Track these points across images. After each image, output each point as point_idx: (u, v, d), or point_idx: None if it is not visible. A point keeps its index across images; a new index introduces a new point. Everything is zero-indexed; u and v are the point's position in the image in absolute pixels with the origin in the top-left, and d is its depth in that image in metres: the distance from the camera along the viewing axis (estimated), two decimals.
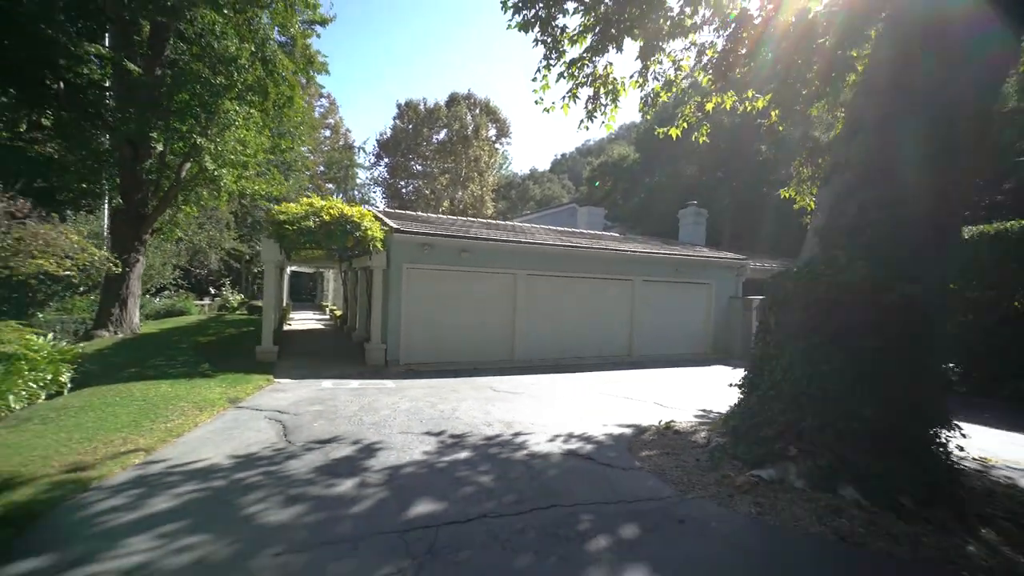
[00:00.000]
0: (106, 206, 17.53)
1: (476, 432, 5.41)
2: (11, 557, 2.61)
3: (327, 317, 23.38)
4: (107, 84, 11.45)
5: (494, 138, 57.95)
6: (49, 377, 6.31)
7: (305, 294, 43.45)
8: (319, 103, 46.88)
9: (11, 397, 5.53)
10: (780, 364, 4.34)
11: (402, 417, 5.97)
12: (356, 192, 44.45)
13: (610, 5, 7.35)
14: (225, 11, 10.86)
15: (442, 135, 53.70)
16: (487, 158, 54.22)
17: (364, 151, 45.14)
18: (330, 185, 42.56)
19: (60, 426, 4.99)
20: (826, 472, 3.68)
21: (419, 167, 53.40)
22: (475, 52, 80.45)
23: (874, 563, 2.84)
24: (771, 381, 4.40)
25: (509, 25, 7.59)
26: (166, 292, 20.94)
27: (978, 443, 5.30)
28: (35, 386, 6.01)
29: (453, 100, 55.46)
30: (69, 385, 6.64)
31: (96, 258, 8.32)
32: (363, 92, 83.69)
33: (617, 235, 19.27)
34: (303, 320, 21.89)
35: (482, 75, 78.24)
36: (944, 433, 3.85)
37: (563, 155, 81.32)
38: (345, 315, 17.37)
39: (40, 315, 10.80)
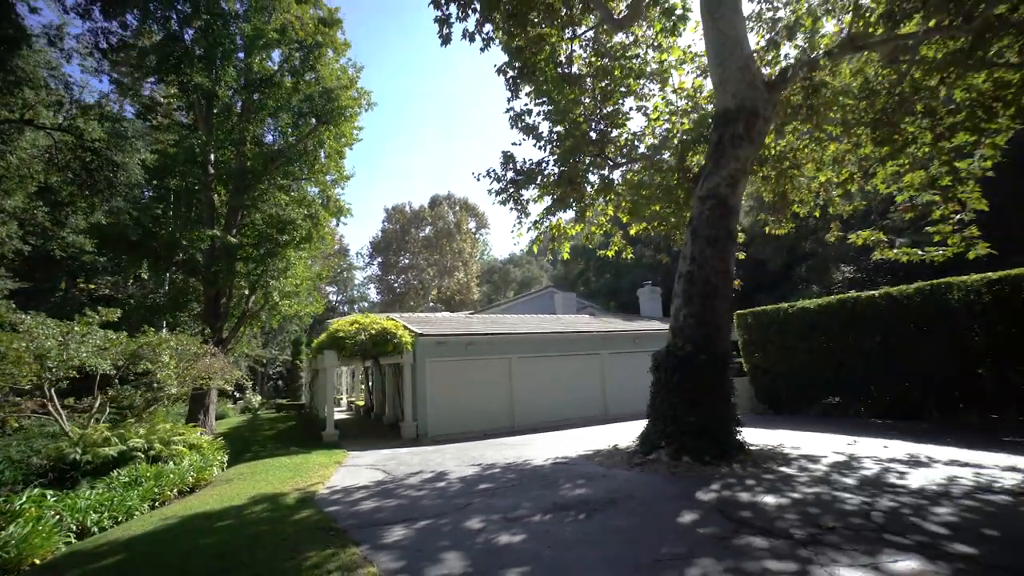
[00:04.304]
0: (164, 330, 21.25)
1: (499, 462, 9.06)
2: (319, 507, 6.25)
3: (344, 408, 26.46)
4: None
5: (474, 230, 63.95)
6: (218, 459, 9.80)
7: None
8: None
9: (214, 468, 9.04)
10: (658, 400, 8.31)
11: (450, 461, 9.57)
12: (355, 291, 48.91)
13: (557, 193, 11.99)
14: (291, 192, 15.58)
15: (427, 231, 59.23)
16: (470, 249, 59.62)
17: (361, 255, 50.08)
18: (331, 287, 47.00)
19: (255, 480, 8.51)
20: (676, 451, 7.52)
21: (407, 260, 58.31)
22: (454, 155, 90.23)
23: (679, 479, 6.61)
24: (655, 410, 8.34)
25: (493, 202, 12.18)
26: None
27: (806, 439, 9.19)
28: (216, 463, 9.49)
29: (435, 201, 61.70)
30: (226, 463, 10.08)
31: (236, 377, 12.03)
32: (351, 198, 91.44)
33: (588, 316, 23.49)
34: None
35: (461, 173, 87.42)
36: (736, 428, 7.80)
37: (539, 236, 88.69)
38: (370, 404, 20.73)
39: None
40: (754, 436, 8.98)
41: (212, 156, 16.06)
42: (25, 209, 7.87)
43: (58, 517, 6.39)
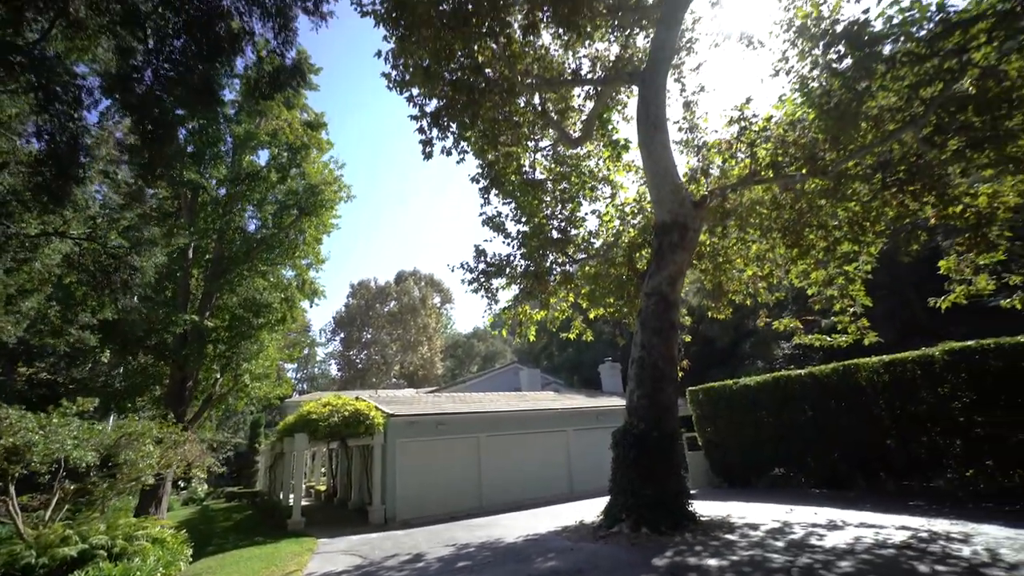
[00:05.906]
0: (112, 418, 20.39)
1: (473, 542, 9.44)
2: None
3: (303, 493, 25.18)
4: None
5: (439, 305, 64.80)
6: (184, 553, 9.62)
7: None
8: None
9: (181, 563, 8.92)
10: (619, 475, 9.17)
11: (424, 543, 9.82)
12: (316, 368, 47.75)
13: (524, 284, 13.34)
14: (269, 278, 16.34)
15: (391, 306, 59.54)
16: (434, 324, 60.02)
17: (324, 332, 49.63)
18: (289, 365, 45.81)
19: (227, 572, 8.52)
20: (635, 523, 8.30)
21: (370, 335, 57.82)
22: (419, 229, 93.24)
23: (639, 549, 7.35)
24: (617, 484, 9.16)
25: (466, 291, 13.54)
26: None
27: (751, 509, 10.13)
28: (182, 558, 9.33)
29: (401, 277, 62.72)
30: (190, 557, 9.85)
31: (210, 464, 11.89)
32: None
33: (552, 392, 24.28)
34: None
35: (426, 248, 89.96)
36: (688, 500, 8.71)
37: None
38: (332, 488, 20.10)
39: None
40: (707, 508, 9.85)
41: (192, 243, 16.78)
42: (39, 309, 8.27)
43: None
